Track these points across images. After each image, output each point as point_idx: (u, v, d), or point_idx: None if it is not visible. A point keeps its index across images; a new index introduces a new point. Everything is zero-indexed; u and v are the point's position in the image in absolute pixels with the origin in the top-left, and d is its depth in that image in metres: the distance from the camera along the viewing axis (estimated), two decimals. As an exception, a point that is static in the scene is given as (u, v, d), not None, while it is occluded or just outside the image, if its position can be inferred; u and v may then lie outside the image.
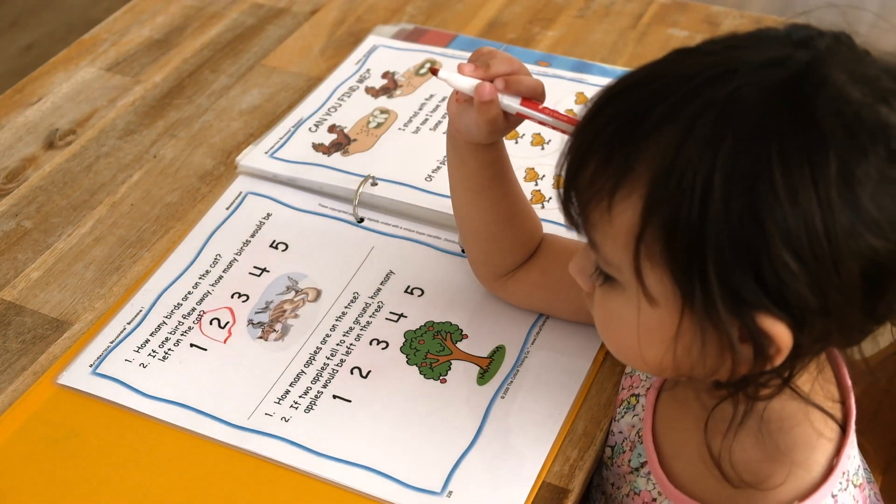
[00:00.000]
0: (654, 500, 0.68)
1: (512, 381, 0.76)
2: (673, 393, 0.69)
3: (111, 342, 0.80)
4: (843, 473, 0.63)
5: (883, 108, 0.51)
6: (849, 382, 0.65)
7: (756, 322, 0.52)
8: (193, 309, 0.83)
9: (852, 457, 0.64)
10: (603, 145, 0.55)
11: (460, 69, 0.69)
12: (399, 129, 0.99)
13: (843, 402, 0.65)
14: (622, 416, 0.74)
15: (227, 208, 0.92)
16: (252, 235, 0.89)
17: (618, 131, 0.55)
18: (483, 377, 0.76)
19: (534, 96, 0.70)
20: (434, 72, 0.72)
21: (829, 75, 0.52)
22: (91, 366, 0.78)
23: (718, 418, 0.60)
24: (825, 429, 0.62)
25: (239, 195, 0.93)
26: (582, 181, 0.56)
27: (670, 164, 0.51)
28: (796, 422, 0.61)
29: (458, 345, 0.79)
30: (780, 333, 0.53)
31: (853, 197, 0.50)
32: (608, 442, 0.75)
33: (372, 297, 0.83)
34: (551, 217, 0.86)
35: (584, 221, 0.57)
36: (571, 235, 0.65)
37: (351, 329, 0.81)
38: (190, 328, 0.81)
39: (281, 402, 0.75)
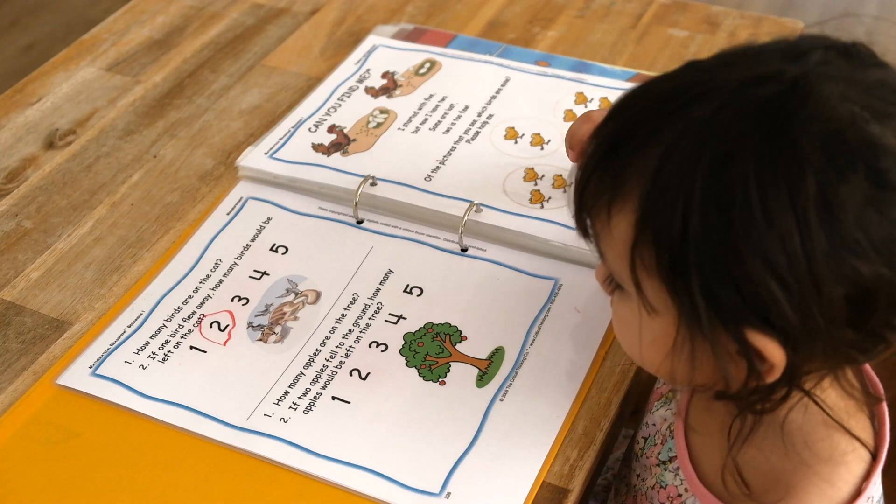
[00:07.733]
0: (680, 496, 0.68)
1: (511, 384, 0.76)
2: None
3: (111, 344, 0.80)
4: (869, 499, 0.62)
5: (876, 126, 0.49)
6: (884, 409, 0.64)
7: (745, 337, 0.52)
8: (193, 312, 0.83)
9: (877, 484, 0.64)
10: (599, 162, 0.57)
11: None
12: (399, 128, 0.99)
13: (878, 431, 0.64)
14: (657, 410, 0.74)
15: (228, 214, 0.92)
16: (252, 240, 0.89)
17: (610, 150, 0.56)
18: (482, 379, 0.76)
19: None
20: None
21: (817, 91, 0.50)
22: (91, 367, 0.78)
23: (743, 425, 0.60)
24: (853, 449, 0.61)
25: (239, 200, 0.93)
26: (587, 194, 0.58)
27: (655, 182, 0.52)
28: (820, 437, 0.61)
29: (458, 346, 0.79)
30: (771, 350, 0.52)
31: (834, 219, 0.49)
32: (641, 433, 0.75)
33: (371, 298, 0.83)
34: (551, 217, 0.86)
35: (593, 232, 0.59)
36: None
37: (350, 331, 0.81)
38: (190, 331, 0.81)
39: (280, 403, 0.75)
